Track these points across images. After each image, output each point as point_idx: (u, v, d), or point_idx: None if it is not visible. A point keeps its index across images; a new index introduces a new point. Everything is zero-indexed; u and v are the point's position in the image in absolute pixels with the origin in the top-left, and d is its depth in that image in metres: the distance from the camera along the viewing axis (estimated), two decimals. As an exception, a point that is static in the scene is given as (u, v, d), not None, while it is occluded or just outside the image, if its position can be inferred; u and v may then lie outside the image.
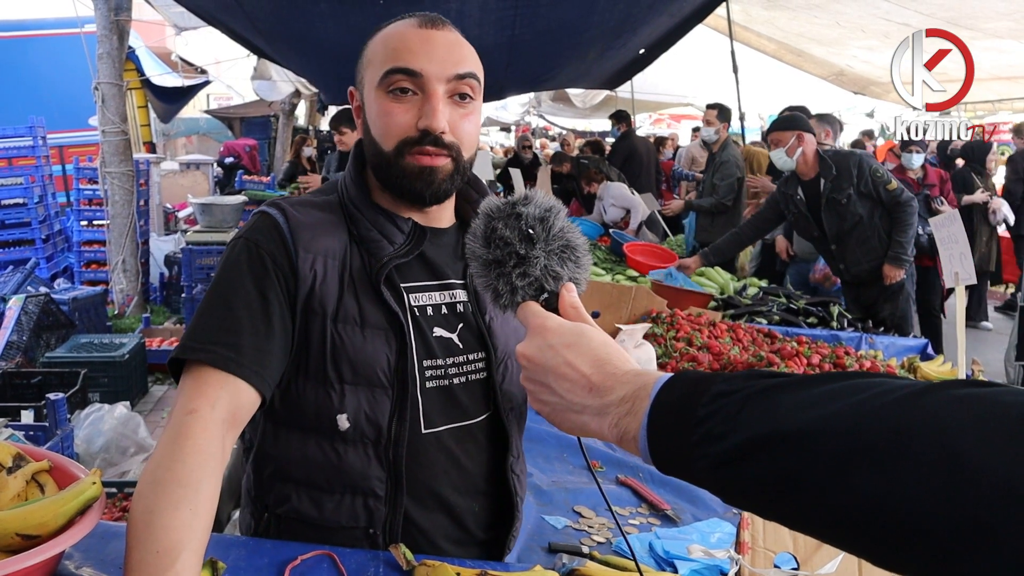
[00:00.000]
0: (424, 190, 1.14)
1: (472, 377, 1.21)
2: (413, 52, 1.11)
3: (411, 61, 1.10)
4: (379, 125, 1.14)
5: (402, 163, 1.13)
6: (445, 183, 1.15)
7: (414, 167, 1.12)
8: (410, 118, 1.11)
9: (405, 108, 1.12)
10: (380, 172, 1.17)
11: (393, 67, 1.11)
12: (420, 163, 1.12)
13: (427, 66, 1.10)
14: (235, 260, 1.11)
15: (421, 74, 1.10)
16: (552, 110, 17.25)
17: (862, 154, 4.13)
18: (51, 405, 3.15)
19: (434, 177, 1.13)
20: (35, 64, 10.50)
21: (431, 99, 1.11)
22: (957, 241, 2.60)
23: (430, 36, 1.12)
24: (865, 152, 4.86)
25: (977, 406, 0.49)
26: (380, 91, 1.13)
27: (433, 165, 1.13)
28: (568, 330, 0.77)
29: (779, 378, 0.61)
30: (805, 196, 3.96)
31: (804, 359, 2.87)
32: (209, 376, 1.01)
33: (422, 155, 1.12)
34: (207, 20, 6.49)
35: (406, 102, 1.12)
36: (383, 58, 1.13)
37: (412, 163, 1.12)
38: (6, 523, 0.86)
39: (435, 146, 1.12)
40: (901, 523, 0.49)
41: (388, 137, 1.13)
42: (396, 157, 1.13)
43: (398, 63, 1.11)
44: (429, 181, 1.13)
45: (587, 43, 6.99)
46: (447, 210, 1.25)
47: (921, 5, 6.20)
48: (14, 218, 6.59)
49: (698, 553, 1.40)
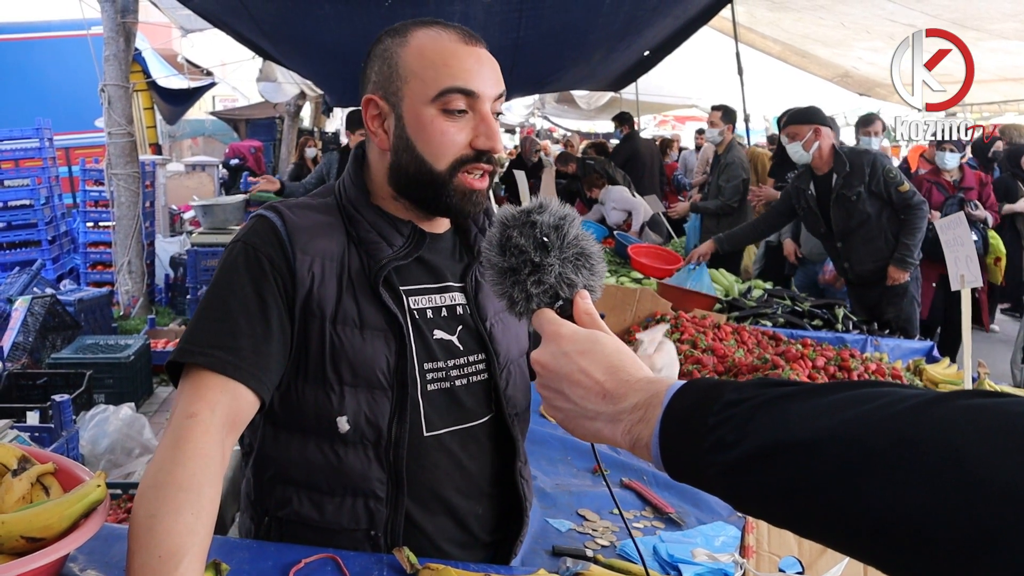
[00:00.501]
0: (471, 210, 1.18)
1: (473, 379, 1.21)
2: (469, 71, 1.12)
3: (469, 81, 1.11)
4: (433, 143, 1.13)
5: (454, 182, 1.14)
6: (484, 201, 1.19)
7: (465, 189, 1.15)
8: (464, 137, 1.13)
9: (460, 127, 1.13)
10: (417, 189, 1.16)
11: (452, 86, 1.11)
12: (473, 186, 1.15)
13: (482, 87, 1.12)
14: (232, 263, 1.12)
15: (478, 94, 1.12)
16: (557, 112, 17.27)
17: (876, 153, 4.13)
18: (56, 406, 3.15)
19: (480, 199, 1.17)
20: (42, 66, 10.53)
21: (486, 120, 1.13)
22: (963, 244, 2.58)
23: (479, 55, 1.14)
24: (880, 152, 4.85)
25: (984, 416, 0.50)
26: (434, 108, 1.12)
27: (482, 188, 1.16)
28: (582, 337, 0.78)
29: (789, 387, 0.62)
30: (816, 191, 3.95)
31: (809, 362, 2.86)
32: (208, 380, 1.01)
33: (473, 177, 1.15)
34: (213, 22, 6.50)
35: (459, 120, 1.13)
36: (435, 75, 1.12)
37: (464, 185, 1.15)
38: (11, 526, 0.86)
39: (489, 164, 1.15)
40: (908, 532, 0.49)
41: (441, 156, 1.14)
42: (449, 176, 1.14)
43: (456, 82, 1.11)
44: (476, 202, 1.17)
45: (592, 45, 6.99)
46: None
47: (927, 6, 6.20)
48: (21, 219, 6.61)
49: (702, 557, 1.40)
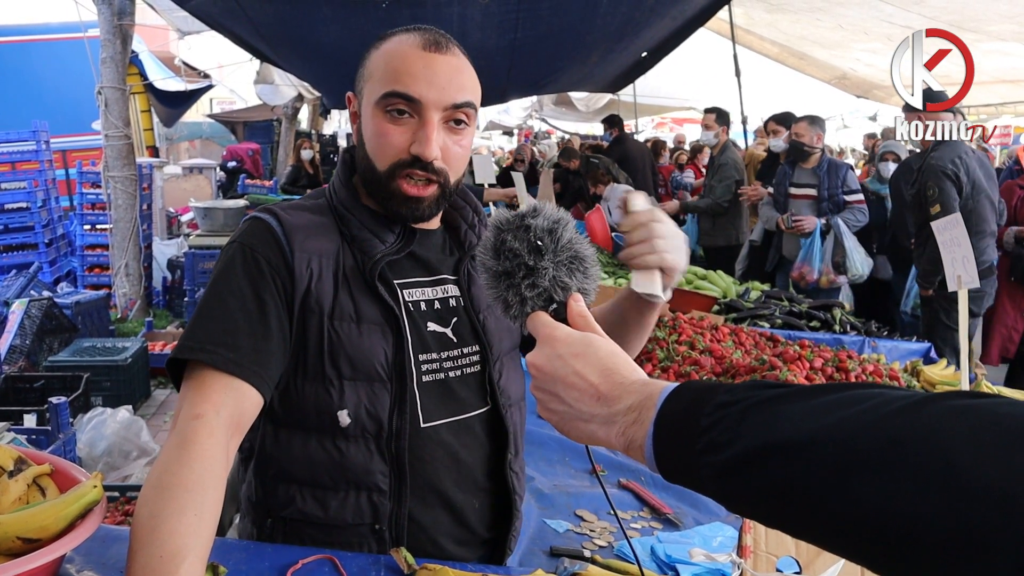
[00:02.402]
0: (408, 215, 1.18)
1: (468, 371, 1.23)
2: (414, 77, 1.11)
3: (410, 86, 1.11)
4: (373, 143, 1.16)
5: (392, 186, 1.15)
6: (430, 208, 1.18)
7: (401, 194, 1.15)
8: (404, 141, 1.13)
9: (401, 130, 1.13)
10: (370, 186, 1.20)
11: (392, 90, 1.12)
12: (407, 192, 1.15)
13: (426, 93, 1.11)
14: (229, 264, 1.13)
15: (420, 101, 1.11)
16: (554, 114, 17.25)
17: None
18: (53, 409, 3.15)
19: (419, 204, 1.16)
20: (39, 68, 10.54)
21: (426, 127, 1.12)
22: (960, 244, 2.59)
23: (433, 61, 1.13)
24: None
25: (974, 417, 0.50)
26: (378, 109, 1.14)
27: (420, 195, 1.15)
28: (576, 340, 0.78)
29: (781, 388, 0.62)
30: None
31: (806, 363, 2.86)
32: (212, 379, 1.01)
33: (410, 183, 1.14)
34: (210, 24, 6.50)
35: (402, 124, 1.13)
36: (383, 77, 1.13)
37: (400, 190, 1.15)
38: (7, 526, 0.86)
39: (425, 171, 1.14)
40: (899, 532, 0.49)
41: (381, 157, 1.15)
42: (387, 179, 1.15)
43: (397, 86, 1.11)
44: (414, 208, 1.17)
45: (589, 47, 6.99)
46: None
47: (924, 8, 6.21)
48: (17, 222, 6.61)
49: (700, 557, 1.40)
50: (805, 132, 4.85)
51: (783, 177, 5.00)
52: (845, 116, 13.86)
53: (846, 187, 4.78)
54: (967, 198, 3.95)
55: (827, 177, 4.80)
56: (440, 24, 1.28)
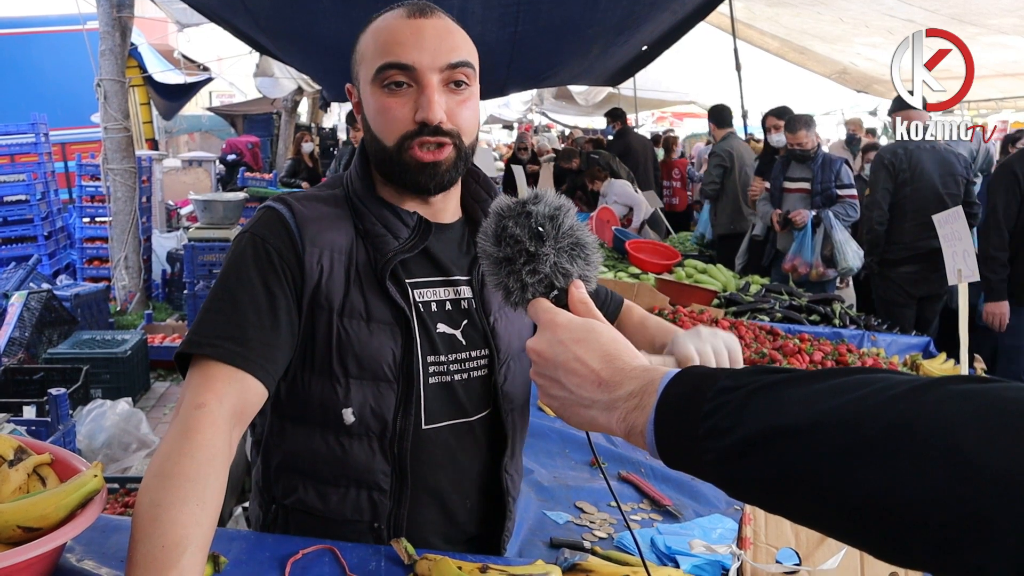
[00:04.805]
0: (428, 183, 1.14)
1: (474, 374, 1.21)
2: (404, 45, 1.10)
3: (402, 54, 1.09)
4: (378, 121, 1.13)
5: (404, 158, 1.12)
6: (449, 173, 1.14)
7: (417, 162, 1.12)
8: (407, 111, 1.10)
9: (402, 102, 1.11)
10: (384, 167, 1.16)
11: (385, 62, 1.10)
12: (423, 159, 1.11)
13: (419, 57, 1.09)
14: (240, 254, 1.11)
15: (414, 67, 1.09)
16: (555, 107, 17.23)
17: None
18: (53, 401, 3.15)
19: (437, 170, 1.13)
20: (38, 61, 10.51)
21: (426, 90, 1.09)
22: (960, 238, 2.59)
23: (420, 26, 1.11)
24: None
25: (977, 401, 0.50)
26: (375, 87, 1.12)
27: (436, 159, 1.12)
28: (578, 326, 0.78)
29: (784, 373, 0.62)
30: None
31: (806, 356, 2.87)
32: (217, 371, 1.01)
33: (423, 150, 1.11)
34: (210, 17, 6.49)
35: (402, 95, 1.11)
36: (375, 53, 1.12)
37: (415, 158, 1.11)
38: (7, 515, 0.86)
39: (435, 136, 1.11)
40: (902, 516, 0.49)
41: (388, 133, 1.12)
42: (398, 153, 1.12)
43: (389, 58, 1.10)
44: (432, 174, 1.13)
45: (590, 40, 6.98)
46: (452, 203, 1.24)
47: (925, 1, 6.20)
48: (16, 215, 6.61)
49: (700, 548, 1.40)
50: (805, 138, 4.85)
51: (778, 171, 5.07)
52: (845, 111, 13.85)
53: (839, 181, 4.80)
54: (904, 184, 4.39)
55: (821, 171, 4.83)
56: (441, 15, 1.28)
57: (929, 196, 4.34)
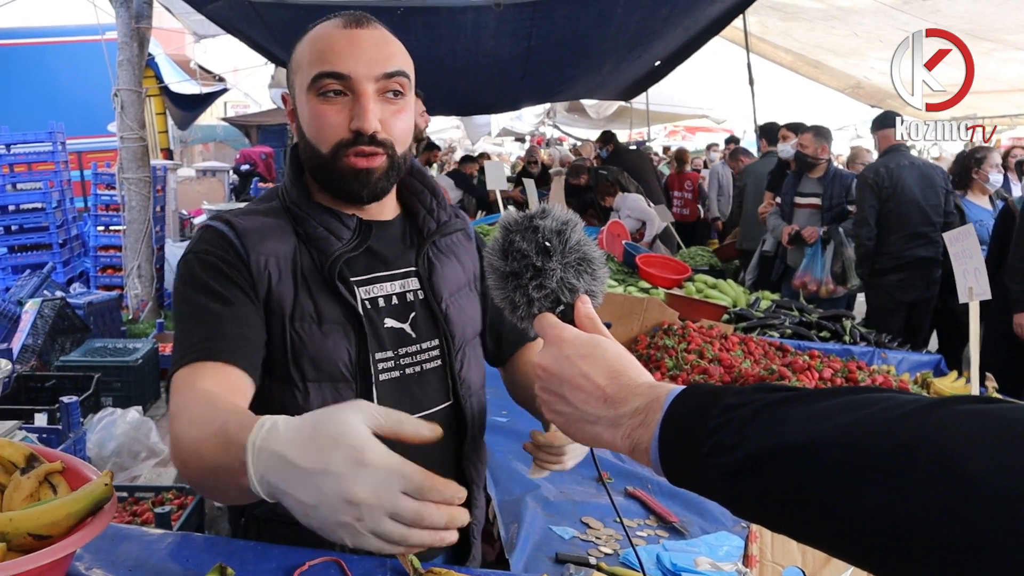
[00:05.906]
0: (361, 191, 1.16)
1: (426, 367, 1.22)
2: (340, 54, 1.11)
3: (338, 64, 1.11)
4: (313, 128, 1.15)
5: (339, 165, 1.14)
6: (381, 181, 1.16)
7: (351, 169, 1.14)
8: (342, 120, 1.12)
9: (336, 110, 1.12)
10: (318, 174, 1.18)
11: (321, 71, 1.11)
12: (356, 165, 1.13)
13: (355, 67, 1.11)
14: (189, 273, 1.13)
15: (349, 76, 1.11)
16: (567, 121, 17.28)
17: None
18: (64, 408, 3.16)
19: (370, 178, 1.15)
20: (56, 71, 10.62)
21: (361, 99, 1.11)
22: (972, 256, 2.58)
23: (356, 36, 1.13)
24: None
25: (982, 421, 0.50)
26: (311, 95, 1.13)
27: (370, 167, 1.14)
28: (584, 341, 0.78)
29: (789, 391, 0.62)
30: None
31: (816, 373, 2.86)
32: (196, 368, 1.03)
33: (358, 157, 1.13)
34: (226, 29, 6.55)
35: (337, 104, 1.12)
36: (311, 61, 1.13)
37: (348, 165, 1.14)
38: (19, 523, 0.87)
39: (370, 145, 1.13)
40: (906, 535, 0.49)
41: (323, 140, 1.14)
42: (332, 160, 1.14)
43: (325, 66, 1.11)
44: (366, 182, 1.15)
45: (603, 55, 7.00)
46: (388, 203, 1.26)
47: (940, 17, 6.19)
48: (32, 222, 6.65)
49: (705, 566, 1.40)
50: (810, 144, 4.87)
51: (789, 186, 5.10)
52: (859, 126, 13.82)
53: (850, 197, 4.80)
54: (887, 200, 4.55)
55: (832, 186, 4.84)
56: (454, 31, 1.29)
57: (911, 209, 4.54)
